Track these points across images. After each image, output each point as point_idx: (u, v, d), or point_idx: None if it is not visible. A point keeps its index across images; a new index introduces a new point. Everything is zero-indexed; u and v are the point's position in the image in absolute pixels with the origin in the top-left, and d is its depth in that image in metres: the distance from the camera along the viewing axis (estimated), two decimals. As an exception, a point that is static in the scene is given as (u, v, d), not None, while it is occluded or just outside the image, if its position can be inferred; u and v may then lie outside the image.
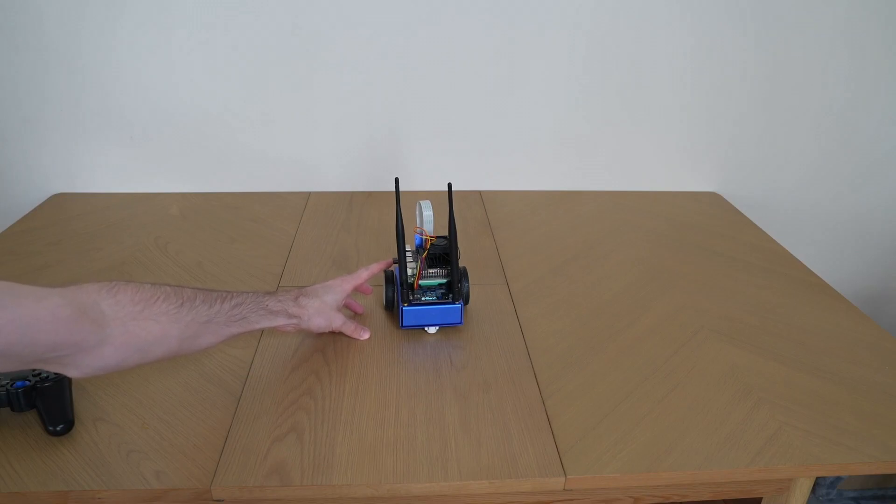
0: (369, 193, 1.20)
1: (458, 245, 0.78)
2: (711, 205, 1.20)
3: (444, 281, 0.78)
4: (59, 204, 1.11)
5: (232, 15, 1.03)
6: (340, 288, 0.76)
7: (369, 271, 0.81)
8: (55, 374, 0.64)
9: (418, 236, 0.79)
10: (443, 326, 0.79)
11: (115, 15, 1.02)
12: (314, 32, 1.06)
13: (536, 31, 1.08)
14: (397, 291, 0.78)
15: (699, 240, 1.06)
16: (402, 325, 0.77)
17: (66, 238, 0.99)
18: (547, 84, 1.13)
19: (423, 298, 0.76)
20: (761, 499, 0.76)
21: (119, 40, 1.04)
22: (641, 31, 1.10)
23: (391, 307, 0.83)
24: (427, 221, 0.78)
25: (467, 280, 0.81)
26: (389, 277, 0.82)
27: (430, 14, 1.06)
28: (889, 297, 1.41)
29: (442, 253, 0.79)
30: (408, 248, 0.80)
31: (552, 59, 1.11)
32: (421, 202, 0.79)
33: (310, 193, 1.19)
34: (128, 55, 1.05)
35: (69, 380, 0.65)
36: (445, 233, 0.78)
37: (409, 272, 0.77)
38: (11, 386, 0.61)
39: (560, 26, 1.08)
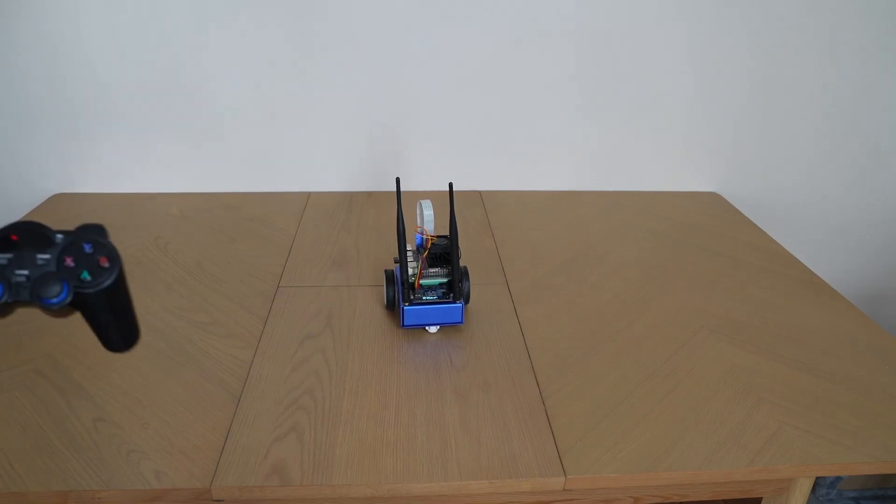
0: (369, 193, 1.20)
1: (459, 244, 0.78)
2: (711, 205, 1.20)
3: (444, 280, 0.78)
4: (59, 204, 1.11)
5: (232, 16, 1.03)
6: None
7: None
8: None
9: (419, 236, 0.79)
10: (444, 326, 0.80)
11: (116, 15, 1.02)
12: (315, 32, 1.06)
13: (536, 31, 1.08)
14: (398, 291, 0.78)
15: (699, 240, 1.06)
16: (403, 325, 0.77)
17: (65, 238, 0.99)
18: (547, 84, 1.13)
19: (423, 298, 0.76)
20: (761, 499, 0.76)
21: (119, 40, 1.04)
22: (641, 31, 1.10)
23: (392, 307, 0.83)
24: (428, 221, 0.78)
25: (468, 279, 0.81)
26: (390, 277, 0.82)
27: (431, 15, 1.06)
28: (889, 297, 1.41)
29: (443, 252, 0.79)
30: (409, 247, 0.80)
31: (552, 60, 1.11)
32: (422, 201, 0.79)
33: (310, 193, 1.19)
34: (128, 55, 1.05)
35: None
36: (446, 232, 0.78)
37: (410, 271, 0.77)
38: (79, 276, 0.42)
39: (560, 27, 1.08)
